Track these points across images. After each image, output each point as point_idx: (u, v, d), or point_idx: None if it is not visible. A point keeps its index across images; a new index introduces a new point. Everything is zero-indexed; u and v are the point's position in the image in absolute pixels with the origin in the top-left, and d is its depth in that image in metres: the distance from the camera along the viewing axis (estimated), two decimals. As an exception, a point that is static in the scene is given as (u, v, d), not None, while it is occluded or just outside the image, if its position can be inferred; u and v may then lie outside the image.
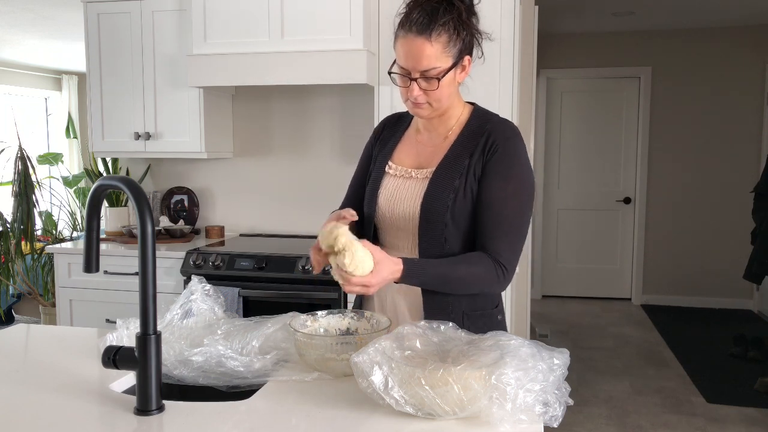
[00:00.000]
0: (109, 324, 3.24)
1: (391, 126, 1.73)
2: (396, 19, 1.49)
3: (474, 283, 1.49)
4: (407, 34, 1.45)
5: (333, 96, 3.61)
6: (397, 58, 1.50)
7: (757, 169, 5.68)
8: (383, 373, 1.15)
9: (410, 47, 1.44)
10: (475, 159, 1.52)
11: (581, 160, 6.17)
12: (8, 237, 4.51)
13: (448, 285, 1.48)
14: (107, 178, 1.24)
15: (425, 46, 1.43)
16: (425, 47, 1.43)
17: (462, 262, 1.48)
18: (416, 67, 1.45)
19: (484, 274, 1.47)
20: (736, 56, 5.72)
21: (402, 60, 1.48)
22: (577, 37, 6.00)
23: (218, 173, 3.80)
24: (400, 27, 1.48)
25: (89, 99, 3.51)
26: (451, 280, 1.47)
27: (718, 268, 5.89)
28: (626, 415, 3.55)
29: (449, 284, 1.48)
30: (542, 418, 1.13)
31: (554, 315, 5.69)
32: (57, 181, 6.78)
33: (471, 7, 1.50)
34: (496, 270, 1.48)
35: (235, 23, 3.12)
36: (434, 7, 1.44)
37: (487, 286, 1.51)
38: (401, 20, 1.47)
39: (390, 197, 1.59)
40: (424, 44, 1.43)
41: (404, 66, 1.48)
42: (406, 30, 1.45)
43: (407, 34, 1.45)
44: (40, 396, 1.30)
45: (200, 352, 1.37)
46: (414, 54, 1.44)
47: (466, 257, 1.49)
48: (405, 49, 1.46)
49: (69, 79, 8.06)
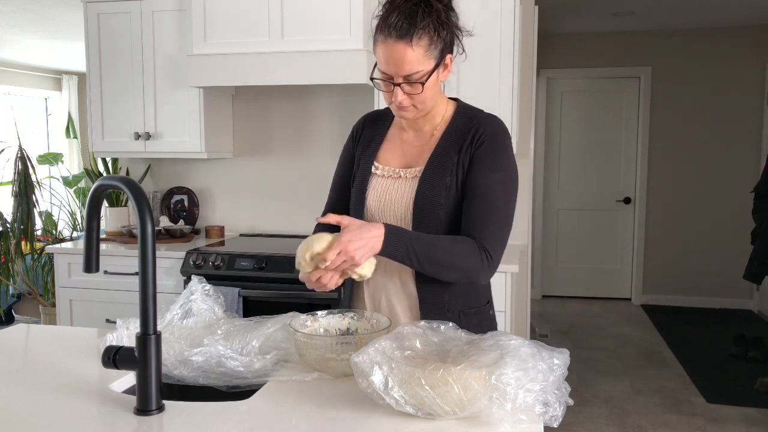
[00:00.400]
0: (109, 324, 3.24)
1: (371, 125, 1.69)
2: (373, 22, 1.45)
3: (459, 262, 1.44)
4: (387, 39, 1.40)
5: (333, 96, 3.61)
6: (378, 63, 1.46)
7: (757, 169, 5.68)
8: (383, 373, 1.15)
9: (391, 53, 1.40)
10: (463, 153, 1.51)
11: (581, 160, 6.17)
12: (8, 237, 4.51)
13: (433, 256, 1.42)
14: (107, 178, 1.24)
15: (407, 51, 1.39)
16: (407, 52, 1.39)
17: (447, 238, 1.46)
18: (398, 72, 1.42)
19: (470, 255, 1.44)
20: (736, 56, 5.72)
21: (383, 65, 1.44)
22: (577, 37, 6.00)
23: (218, 173, 3.80)
24: (378, 31, 1.43)
25: (89, 99, 3.52)
26: (437, 250, 1.42)
27: (718, 268, 5.89)
28: (626, 415, 3.55)
29: (434, 256, 1.42)
30: (542, 418, 1.13)
31: (554, 315, 5.69)
32: (57, 181, 6.78)
33: (449, 3, 1.47)
34: (481, 254, 1.45)
35: (235, 23, 3.12)
36: (413, 10, 1.39)
37: (472, 269, 1.45)
38: (379, 24, 1.43)
39: (380, 198, 1.57)
40: (405, 49, 1.39)
41: (386, 71, 1.44)
42: (386, 35, 1.40)
43: (387, 39, 1.40)
44: (40, 396, 1.30)
45: (200, 352, 1.37)
46: (395, 59, 1.41)
47: (452, 237, 1.47)
48: (386, 55, 1.42)
49: (69, 79, 8.06)
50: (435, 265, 1.44)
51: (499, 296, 2.76)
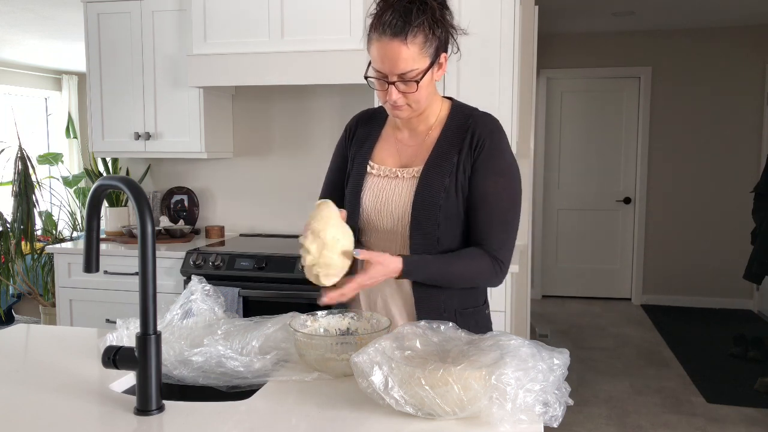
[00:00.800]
0: (109, 324, 3.24)
1: (364, 123, 1.68)
2: (368, 20, 1.44)
3: (474, 278, 1.51)
4: (381, 37, 1.40)
5: (333, 96, 3.61)
6: (373, 62, 1.45)
7: (757, 169, 5.68)
8: (383, 373, 1.15)
9: (386, 51, 1.40)
10: (464, 156, 1.50)
11: (581, 159, 6.17)
12: (8, 237, 4.51)
13: (448, 280, 1.49)
14: (107, 178, 1.24)
15: (401, 49, 1.39)
16: (401, 50, 1.39)
17: (463, 257, 1.49)
18: (393, 70, 1.41)
19: (485, 270, 1.49)
20: (736, 56, 5.72)
21: (378, 64, 1.43)
22: (577, 37, 6.00)
23: (218, 173, 3.80)
24: (372, 29, 1.42)
25: (89, 99, 3.52)
26: (453, 275, 1.48)
27: (718, 268, 5.89)
28: (626, 415, 3.55)
29: (450, 279, 1.49)
30: (542, 418, 1.13)
31: (554, 315, 5.69)
32: (57, 181, 6.78)
33: (444, 2, 1.46)
34: (494, 266, 1.49)
35: (235, 23, 3.12)
36: (407, 8, 1.39)
37: (485, 281, 1.52)
38: (373, 22, 1.42)
39: (376, 198, 1.56)
40: (400, 47, 1.39)
41: (380, 70, 1.43)
42: (380, 33, 1.40)
43: (381, 37, 1.40)
44: (40, 396, 1.30)
45: (200, 353, 1.37)
46: (390, 57, 1.40)
47: (465, 253, 1.49)
48: (381, 53, 1.41)
49: (69, 79, 8.06)
50: (451, 284, 1.51)
51: (499, 296, 2.76)
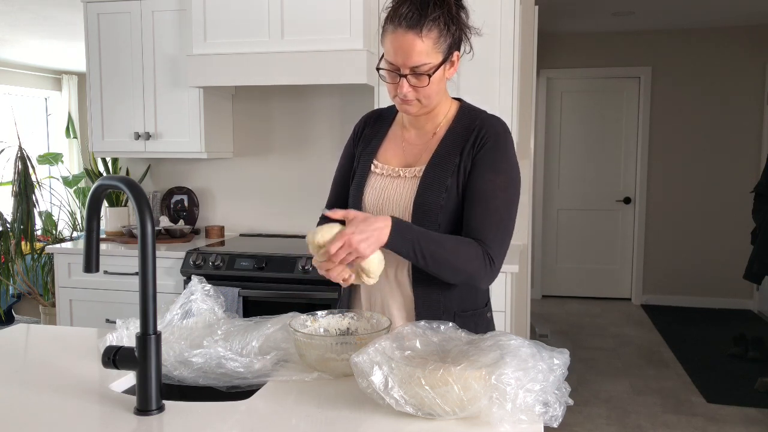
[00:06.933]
0: (109, 324, 3.24)
1: (372, 124, 1.68)
2: (383, 14, 1.45)
3: (462, 264, 1.42)
4: (396, 29, 1.41)
5: (333, 96, 3.61)
6: (386, 54, 1.45)
7: (757, 169, 5.68)
8: (383, 373, 1.14)
9: (400, 42, 1.41)
10: (465, 155, 1.49)
11: (581, 160, 6.17)
12: (8, 237, 4.51)
13: (438, 255, 1.41)
14: (107, 178, 1.24)
15: (416, 42, 1.40)
16: (416, 42, 1.40)
17: (453, 238, 1.45)
18: (406, 63, 1.42)
19: (473, 258, 1.43)
20: (736, 56, 5.72)
21: (391, 56, 1.44)
22: (577, 37, 6.00)
23: (218, 173, 3.80)
24: (388, 21, 1.43)
25: (89, 99, 3.51)
26: (443, 249, 1.41)
27: (718, 268, 5.89)
28: (626, 415, 3.55)
29: (439, 254, 1.41)
30: (542, 418, 1.13)
31: (554, 315, 5.69)
32: (57, 181, 6.78)
33: (460, 1, 1.47)
34: (484, 259, 1.44)
35: (235, 23, 3.12)
36: (424, 2, 1.40)
37: (474, 272, 1.44)
38: (389, 14, 1.43)
39: (378, 197, 1.56)
40: (414, 39, 1.39)
41: (393, 62, 1.44)
42: (396, 25, 1.41)
43: (396, 29, 1.41)
44: (40, 396, 1.30)
45: (200, 354, 1.37)
46: (404, 49, 1.41)
47: (456, 236, 1.46)
48: (395, 45, 1.42)
49: (69, 79, 8.06)
50: (438, 263, 1.42)
51: (499, 296, 2.76)
